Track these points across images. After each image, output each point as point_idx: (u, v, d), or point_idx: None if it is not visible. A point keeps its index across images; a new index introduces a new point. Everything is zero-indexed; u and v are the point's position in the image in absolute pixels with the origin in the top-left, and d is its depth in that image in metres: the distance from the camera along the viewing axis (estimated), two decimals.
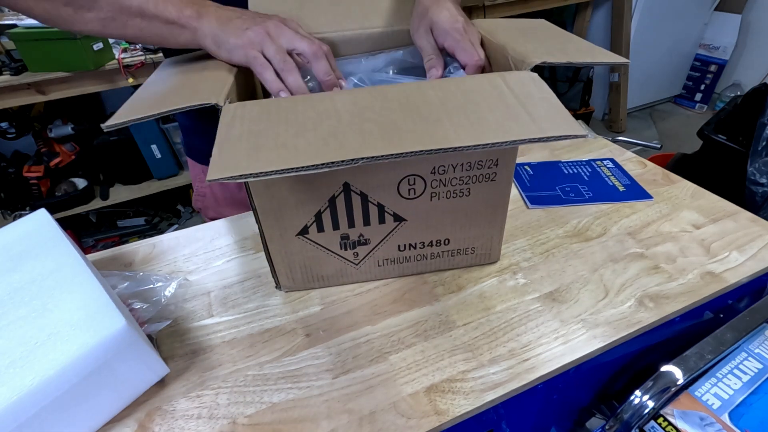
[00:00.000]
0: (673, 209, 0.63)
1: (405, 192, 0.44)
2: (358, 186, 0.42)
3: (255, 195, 0.42)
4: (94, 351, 0.36)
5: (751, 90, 1.36)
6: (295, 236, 0.45)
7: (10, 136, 1.69)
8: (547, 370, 0.43)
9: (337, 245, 0.47)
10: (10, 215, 1.73)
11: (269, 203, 0.43)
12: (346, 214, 0.44)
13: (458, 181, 0.44)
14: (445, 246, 0.50)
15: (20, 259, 0.45)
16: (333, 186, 0.42)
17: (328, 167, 0.31)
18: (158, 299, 0.51)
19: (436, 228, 0.48)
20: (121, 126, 0.39)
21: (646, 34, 2.38)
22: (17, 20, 1.46)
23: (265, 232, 0.45)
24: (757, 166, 1.25)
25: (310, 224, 0.45)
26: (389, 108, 0.36)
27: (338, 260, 0.49)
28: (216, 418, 0.40)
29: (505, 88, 0.39)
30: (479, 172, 0.44)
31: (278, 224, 0.44)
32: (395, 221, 0.46)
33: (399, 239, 0.48)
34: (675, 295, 0.50)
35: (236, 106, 0.38)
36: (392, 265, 0.51)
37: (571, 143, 0.81)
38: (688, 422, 0.43)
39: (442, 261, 0.52)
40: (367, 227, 0.46)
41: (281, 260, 0.48)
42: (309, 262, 0.48)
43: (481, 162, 0.43)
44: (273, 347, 0.47)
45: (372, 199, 0.44)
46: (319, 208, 0.43)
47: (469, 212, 0.47)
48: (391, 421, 0.39)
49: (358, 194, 0.43)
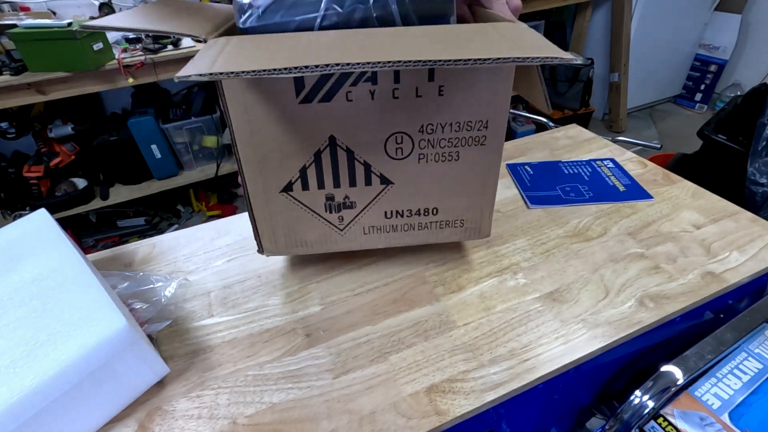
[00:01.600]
0: (673, 209, 0.63)
1: (392, 151, 0.43)
2: (344, 141, 0.41)
3: (240, 144, 0.41)
4: (95, 351, 0.36)
5: (751, 90, 1.36)
6: (279, 193, 0.44)
7: (10, 136, 1.69)
8: (547, 370, 0.43)
9: (322, 207, 0.46)
10: (10, 215, 1.73)
11: (253, 153, 0.41)
12: (332, 171, 0.43)
13: (447, 143, 0.43)
14: (433, 216, 0.49)
15: (20, 259, 0.45)
16: (319, 139, 0.41)
17: (305, 71, 0.29)
18: (158, 299, 0.51)
19: (424, 195, 0.47)
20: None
21: (646, 34, 2.38)
22: (17, 20, 1.46)
23: (248, 186, 0.43)
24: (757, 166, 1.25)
25: (294, 180, 0.43)
26: (375, 38, 0.35)
27: (323, 224, 0.47)
28: (216, 418, 0.40)
29: (494, 30, 0.37)
30: (468, 135, 0.43)
31: (262, 178, 0.43)
32: (382, 183, 0.45)
33: (386, 205, 0.47)
34: (675, 295, 0.50)
35: (223, 39, 0.36)
36: (378, 234, 0.49)
37: (572, 143, 0.81)
38: (688, 422, 0.43)
39: (430, 233, 0.50)
40: (353, 188, 0.45)
41: (264, 219, 0.46)
42: (292, 223, 0.47)
43: (470, 123, 0.42)
44: (273, 347, 0.47)
45: (358, 157, 0.43)
46: (304, 163, 0.42)
47: (458, 179, 0.46)
48: (391, 421, 0.39)
49: (344, 150, 0.42)
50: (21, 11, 1.62)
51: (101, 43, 1.43)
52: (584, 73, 2.30)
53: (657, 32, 2.42)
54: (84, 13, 1.74)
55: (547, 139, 0.83)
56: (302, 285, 0.54)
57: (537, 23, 2.21)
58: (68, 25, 1.36)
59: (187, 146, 1.87)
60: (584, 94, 2.35)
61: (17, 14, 1.58)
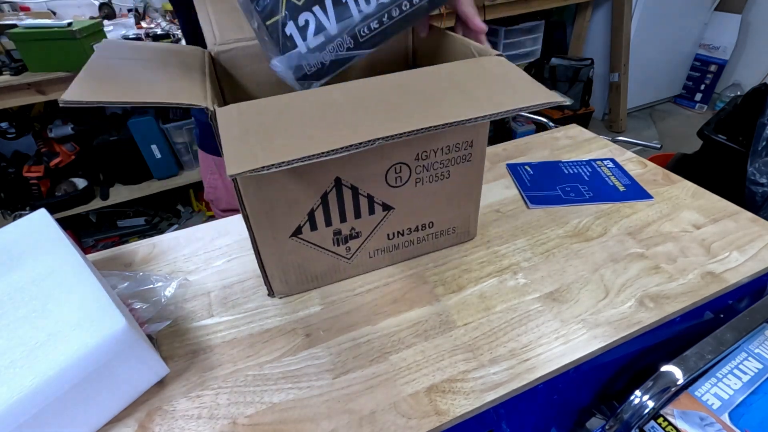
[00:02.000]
0: (673, 209, 0.63)
1: (392, 180, 0.46)
2: (349, 179, 0.43)
3: (246, 197, 0.41)
4: (94, 351, 0.36)
5: (751, 90, 1.36)
6: (288, 238, 0.45)
7: (10, 136, 1.69)
8: (547, 370, 0.43)
9: (330, 242, 0.48)
10: (10, 215, 1.73)
11: (261, 205, 0.42)
12: (338, 209, 0.45)
13: (439, 165, 0.47)
14: (429, 229, 0.53)
15: (20, 259, 0.45)
16: (324, 182, 0.43)
17: (347, 151, 0.32)
18: (158, 299, 0.51)
19: (421, 212, 0.51)
20: (82, 105, 0.34)
21: (646, 34, 2.38)
22: (17, 20, 1.46)
23: (256, 237, 0.44)
24: (757, 166, 1.25)
25: (303, 224, 0.45)
26: (387, 93, 0.38)
27: (331, 257, 0.49)
28: (216, 418, 0.40)
29: (483, 69, 0.42)
30: (457, 155, 0.47)
31: (271, 227, 0.44)
32: (384, 210, 0.48)
33: (388, 228, 0.50)
34: (675, 295, 0.50)
35: (233, 107, 0.38)
36: (382, 255, 0.52)
37: (572, 143, 0.81)
38: (688, 422, 0.43)
39: (427, 244, 0.54)
40: (358, 220, 0.47)
41: (274, 264, 0.47)
42: (302, 262, 0.48)
43: (458, 144, 0.46)
44: (273, 347, 0.47)
45: (362, 191, 0.45)
46: (312, 207, 0.44)
47: (449, 194, 0.50)
48: (391, 421, 0.39)
49: (349, 188, 0.44)
50: (21, 11, 1.62)
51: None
52: (584, 73, 2.29)
53: (657, 32, 2.42)
54: (84, 13, 1.74)
55: (547, 139, 0.83)
56: None
57: (537, 23, 2.21)
58: (68, 25, 1.36)
59: (187, 146, 1.87)
60: (584, 94, 2.35)
61: (17, 14, 1.58)
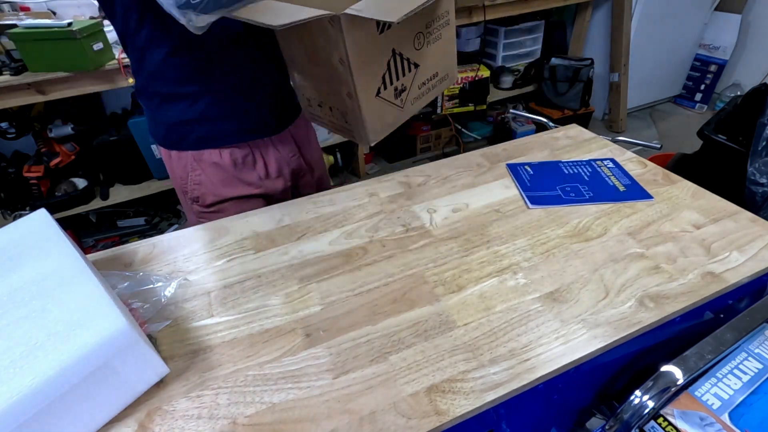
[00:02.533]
0: (673, 209, 0.63)
1: (417, 45, 0.65)
2: (398, 49, 0.62)
3: (353, 66, 0.57)
4: (95, 351, 0.36)
5: (751, 90, 1.36)
6: (375, 97, 0.63)
7: (10, 136, 1.68)
8: (547, 370, 0.43)
9: (393, 96, 0.66)
10: (10, 215, 1.72)
11: (362, 67, 0.59)
12: (395, 69, 0.64)
13: (435, 29, 0.66)
14: (435, 78, 0.71)
15: (20, 259, 0.45)
16: (387, 52, 0.61)
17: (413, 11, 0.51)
18: (158, 299, 0.51)
19: (432, 66, 0.70)
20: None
21: (646, 34, 2.38)
22: (17, 20, 1.46)
23: (359, 96, 0.61)
24: (757, 166, 1.25)
25: (380, 86, 0.63)
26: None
27: (394, 107, 0.67)
28: (216, 418, 0.40)
29: None
30: (442, 21, 0.67)
31: (365, 87, 0.61)
32: (414, 68, 0.66)
33: (418, 80, 0.69)
34: (675, 295, 0.50)
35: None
36: (416, 101, 0.70)
37: (572, 143, 0.81)
38: (688, 422, 0.43)
39: (434, 91, 0.73)
40: (404, 77, 0.66)
41: (369, 116, 0.64)
42: (382, 113, 0.66)
43: (441, 14, 0.66)
44: (273, 347, 0.47)
45: (405, 56, 0.64)
46: (383, 72, 0.62)
47: (441, 49, 0.69)
48: (391, 421, 0.39)
49: (398, 55, 0.63)
50: (21, 11, 1.62)
51: (101, 43, 1.43)
52: (584, 73, 2.29)
53: (657, 32, 2.42)
54: (84, 13, 1.73)
55: (547, 139, 0.83)
56: (302, 285, 0.54)
57: (537, 23, 2.21)
58: (68, 25, 1.36)
59: None
60: (584, 94, 2.35)
61: (17, 14, 1.58)
